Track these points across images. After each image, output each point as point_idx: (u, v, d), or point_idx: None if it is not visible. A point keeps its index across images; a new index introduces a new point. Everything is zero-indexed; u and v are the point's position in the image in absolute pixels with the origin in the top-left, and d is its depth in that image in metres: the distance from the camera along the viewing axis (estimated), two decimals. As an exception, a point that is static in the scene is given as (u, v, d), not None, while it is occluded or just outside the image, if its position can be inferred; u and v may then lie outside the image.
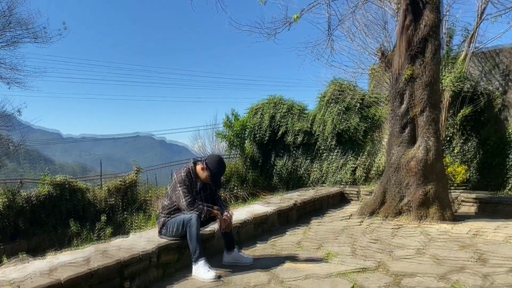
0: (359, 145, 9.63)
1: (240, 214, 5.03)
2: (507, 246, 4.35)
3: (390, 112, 6.26)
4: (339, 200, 7.73)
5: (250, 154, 11.18)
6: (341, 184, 9.11)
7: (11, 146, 12.40)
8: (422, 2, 5.69)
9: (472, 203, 6.47)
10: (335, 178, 9.65)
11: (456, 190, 7.00)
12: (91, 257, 3.17)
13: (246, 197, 9.81)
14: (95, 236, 9.01)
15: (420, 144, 5.70)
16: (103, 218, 9.56)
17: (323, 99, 10.29)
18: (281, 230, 5.35)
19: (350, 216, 6.25)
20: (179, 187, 3.66)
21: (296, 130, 10.44)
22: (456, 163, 7.91)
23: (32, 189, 10.03)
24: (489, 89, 8.08)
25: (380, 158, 9.10)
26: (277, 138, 10.77)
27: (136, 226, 9.22)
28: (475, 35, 8.03)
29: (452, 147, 8.21)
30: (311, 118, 10.46)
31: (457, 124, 8.07)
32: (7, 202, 9.01)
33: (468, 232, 5.05)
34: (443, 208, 5.65)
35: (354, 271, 3.54)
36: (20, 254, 6.89)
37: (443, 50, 8.02)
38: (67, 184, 10.05)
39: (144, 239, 3.76)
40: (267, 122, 10.86)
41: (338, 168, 9.73)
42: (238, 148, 11.32)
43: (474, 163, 7.99)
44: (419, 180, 5.64)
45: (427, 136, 5.68)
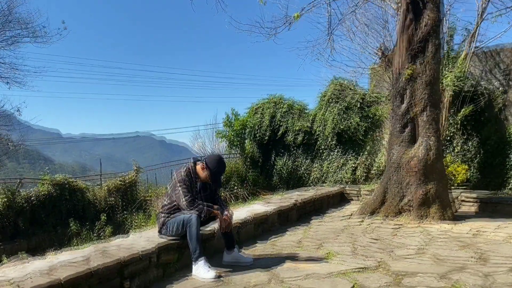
0: (359, 144, 9.61)
1: (240, 213, 5.01)
2: (508, 245, 4.34)
3: (391, 111, 6.24)
4: (340, 200, 7.71)
5: (250, 153, 11.15)
6: (341, 184, 9.07)
7: (10, 146, 12.39)
8: (423, 2, 5.67)
9: (473, 202, 6.46)
10: (335, 177, 9.64)
11: (457, 190, 6.98)
12: (91, 256, 3.16)
13: (246, 196, 9.79)
14: (95, 236, 9.01)
15: (420, 143, 5.69)
16: (103, 217, 9.56)
17: (324, 98, 10.27)
18: (281, 230, 5.33)
19: (351, 216, 6.23)
20: (179, 186, 3.65)
21: (297, 129, 10.41)
22: (456, 162, 7.89)
23: (32, 188, 10.02)
24: (489, 88, 8.06)
25: (381, 158, 9.09)
26: (277, 137, 10.75)
27: (136, 226, 9.21)
28: (475, 34, 8.02)
29: (453, 147, 8.20)
30: (311, 117, 10.45)
31: (457, 124, 8.06)
32: (6, 202, 9.01)
33: (468, 231, 5.04)
34: (443, 207, 5.64)
35: (354, 270, 3.53)
36: (19, 254, 6.89)
37: (444, 49, 8.01)
38: (67, 184, 10.04)
39: (144, 239, 3.75)
40: (267, 121, 10.84)
41: (339, 168, 9.71)
42: (238, 147, 11.29)
43: (474, 162, 7.98)
44: (419, 180, 5.62)
45: (427, 135, 5.67)
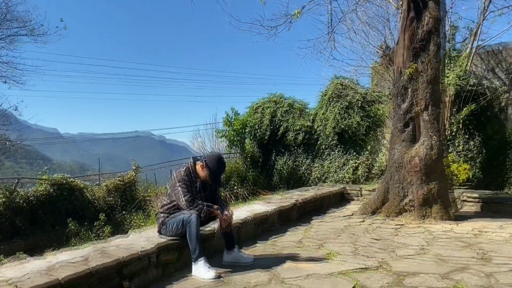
0: (360, 143, 9.58)
1: (240, 213, 4.98)
2: (510, 245, 4.30)
3: (392, 110, 6.21)
4: (340, 199, 7.68)
5: (250, 152, 11.11)
6: (342, 183, 9.05)
7: (9, 145, 12.35)
8: (424, 0, 5.64)
9: (475, 202, 6.44)
10: (336, 177, 9.60)
11: (459, 189, 6.95)
12: (90, 256, 3.14)
13: (246, 196, 9.75)
14: (94, 235, 8.96)
15: (422, 142, 5.65)
16: (102, 217, 9.50)
17: (324, 97, 10.24)
18: (281, 230, 5.30)
19: (352, 215, 6.20)
20: (179, 185, 3.62)
21: (297, 129, 10.37)
22: (459, 161, 7.85)
23: (30, 188, 9.98)
24: (492, 86, 8.03)
25: (382, 157, 9.06)
26: (277, 136, 10.71)
27: (135, 225, 9.17)
28: (478, 32, 7.99)
29: (455, 146, 8.15)
30: (312, 116, 10.41)
31: (459, 123, 8.02)
32: (5, 201, 8.96)
33: (470, 231, 5.01)
34: (445, 206, 5.61)
35: (355, 270, 3.50)
36: (18, 254, 6.85)
37: (446, 48, 7.97)
38: (65, 184, 10.00)
39: (143, 238, 3.72)
40: (267, 121, 10.80)
41: (339, 167, 9.68)
42: (238, 146, 11.25)
43: (477, 162, 7.95)
44: (421, 179, 5.59)
45: (429, 135, 5.63)
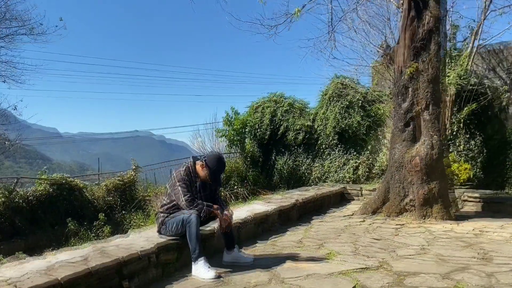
0: (361, 143, 9.57)
1: (240, 213, 4.97)
2: (511, 245, 4.29)
3: (393, 110, 6.19)
4: (341, 199, 7.67)
5: (251, 152, 11.09)
6: (342, 183, 9.04)
7: (8, 145, 12.32)
8: (424, -1, 5.63)
9: (476, 201, 6.43)
10: (336, 176, 9.58)
11: (460, 189, 6.94)
12: (89, 256, 3.12)
13: (247, 195, 9.73)
14: (94, 235, 8.94)
15: (423, 142, 5.64)
16: (102, 217, 9.48)
17: (325, 96, 10.22)
18: (281, 229, 5.28)
19: (352, 215, 6.19)
20: (179, 185, 3.61)
21: (297, 128, 10.36)
22: (460, 161, 7.84)
23: (30, 187, 9.96)
24: (493, 86, 8.01)
25: (382, 157, 9.04)
26: (278, 136, 10.69)
27: (135, 225, 9.15)
28: (479, 31, 7.97)
29: (456, 145, 8.14)
30: (312, 116, 10.40)
31: (460, 122, 8.00)
32: (4, 201, 8.94)
33: (471, 231, 4.99)
34: (446, 206, 5.59)
35: (355, 270, 3.48)
36: (17, 253, 6.83)
37: (447, 46, 7.95)
38: (65, 183, 9.98)
39: (143, 238, 3.71)
40: (267, 120, 10.78)
41: (340, 167, 9.66)
42: (238, 146, 11.23)
43: (477, 161, 7.93)
44: (422, 178, 5.57)
45: (430, 134, 5.61)
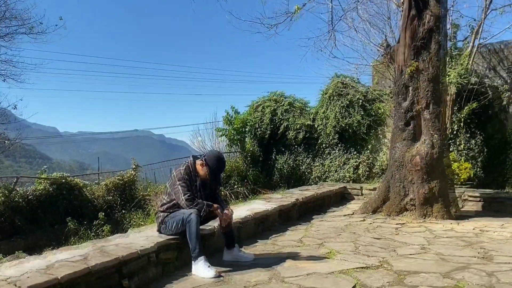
0: (361, 142, 9.56)
1: (240, 212, 4.95)
2: (512, 244, 4.28)
3: (393, 108, 6.18)
4: (341, 198, 7.67)
5: (251, 151, 11.08)
6: (343, 182, 9.02)
7: (7, 144, 12.30)
8: (425, -2, 5.61)
9: (476, 201, 6.43)
10: (337, 175, 9.57)
11: (461, 188, 6.94)
12: (89, 254, 3.11)
13: (247, 194, 9.73)
14: (93, 234, 8.92)
15: (424, 141, 5.63)
16: (101, 216, 9.46)
17: (325, 95, 10.21)
18: (282, 228, 5.27)
19: (352, 214, 6.19)
20: (179, 184, 3.59)
21: (298, 127, 10.34)
22: (460, 160, 7.82)
23: (29, 187, 9.94)
24: (493, 85, 8.00)
25: (383, 156, 9.03)
26: (278, 134, 10.68)
27: (134, 224, 9.13)
28: (479, 30, 7.96)
29: (457, 144, 8.12)
30: (312, 114, 10.38)
31: (461, 121, 7.99)
32: (3, 200, 8.92)
33: (472, 230, 4.99)
34: (447, 205, 5.59)
35: (356, 269, 3.47)
36: (17, 252, 6.81)
37: (448, 45, 7.93)
38: (65, 182, 9.96)
39: (143, 237, 3.69)
40: (267, 119, 10.77)
41: (340, 166, 9.65)
42: (238, 145, 11.22)
43: (478, 160, 7.92)
44: (422, 177, 5.56)
45: (430, 133, 5.60)
